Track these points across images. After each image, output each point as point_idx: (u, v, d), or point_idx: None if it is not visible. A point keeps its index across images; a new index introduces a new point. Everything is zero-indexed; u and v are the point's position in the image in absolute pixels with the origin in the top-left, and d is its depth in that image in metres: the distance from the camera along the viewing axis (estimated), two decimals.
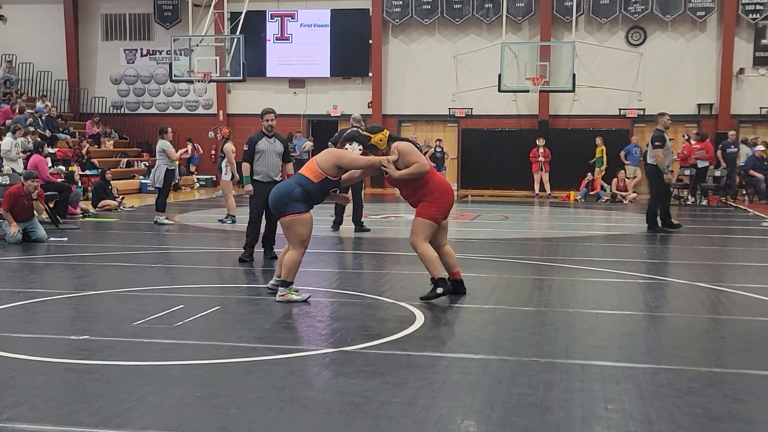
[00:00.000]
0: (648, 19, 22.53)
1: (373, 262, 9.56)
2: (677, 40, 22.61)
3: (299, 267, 6.82)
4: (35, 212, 11.33)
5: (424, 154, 20.59)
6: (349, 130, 7.24)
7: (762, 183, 19.35)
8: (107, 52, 25.99)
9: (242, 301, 7.10)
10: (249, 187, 9.31)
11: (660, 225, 12.81)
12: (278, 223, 6.88)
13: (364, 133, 6.85)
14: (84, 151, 20.39)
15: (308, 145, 22.69)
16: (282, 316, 6.40)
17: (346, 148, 6.77)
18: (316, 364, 4.98)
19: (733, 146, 19.76)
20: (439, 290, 6.73)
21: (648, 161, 13.01)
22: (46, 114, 21.61)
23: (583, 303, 7.01)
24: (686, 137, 20.50)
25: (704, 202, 18.87)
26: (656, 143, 12.53)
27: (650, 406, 4.15)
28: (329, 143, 10.19)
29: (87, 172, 19.58)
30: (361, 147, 6.76)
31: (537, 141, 21.75)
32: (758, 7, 21.85)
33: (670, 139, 13.26)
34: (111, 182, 16.63)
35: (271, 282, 7.18)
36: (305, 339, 5.79)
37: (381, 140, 6.76)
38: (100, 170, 17.90)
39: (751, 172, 19.46)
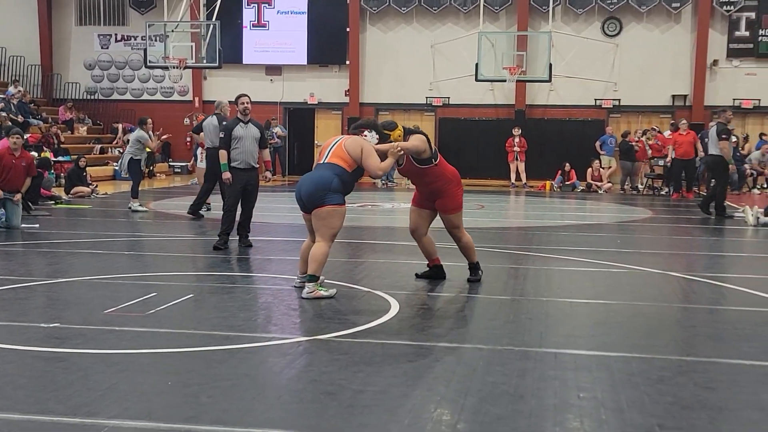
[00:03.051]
0: (624, 10, 22.62)
1: (349, 251, 9.54)
2: (652, 32, 22.72)
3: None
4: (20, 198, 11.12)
5: None
6: (362, 119, 7.22)
7: (734, 174, 19.47)
8: (81, 37, 25.65)
9: (216, 289, 7.04)
10: (227, 174, 9.19)
11: (714, 212, 13.59)
12: (313, 213, 6.46)
13: (384, 131, 6.85)
14: (53, 133, 20.12)
15: (279, 131, 22.55)
16: (256, 305, 6.37)
17: (365, 135, 6.70)
18: (289, 352, 4.95)
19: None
20: (480, 272, 7.37)
21: (710, 152, 13.78)
22: (19, 99, 21.33)
23: (557, 292, 7.04)
24: (656, 129, 20.68)
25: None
26: (723, 136, 13.39)
27: (622, 394, 4.18)
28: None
29: (60, 158, 19.36)
30: (378, 137, 6.76)
31: (513, 131, 21.79)
32: None
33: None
34: (86, 169, 16.44)
35: (297, 280, 6.92)
36: (279, 327, 5.76)
37: (400, 136, 6.88)
38: (74, 157, 17.67)
39: None
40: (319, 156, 6.82)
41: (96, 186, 16.59)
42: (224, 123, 9.31)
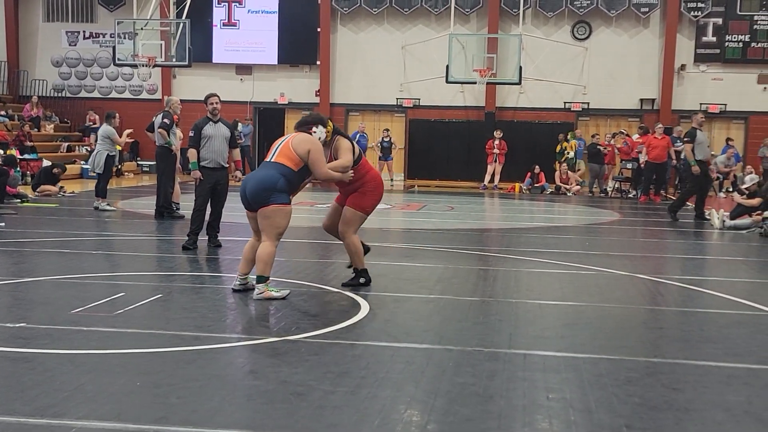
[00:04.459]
0: (593, 14, 22.84)
1: (319, 251, 9.52)
2: (621, 36, 22.97)
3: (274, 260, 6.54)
4: None
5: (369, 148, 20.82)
6: (310, 113, 7.23)
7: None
8: (48, 34, 25.31)
9: (185, 289, 6.99)
10: (197, 173, 9.14)
11: (684, 213, 13.98)
12: (258, 212, 6.43)
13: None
14: (26, 132, 19.84)
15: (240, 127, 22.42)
16: (225, 305, 6.33)
17: (313, 131, 6.68)
18: (259, 353, 4.93)
19: (678, 141, 20.08)
20: (362, 280, 7.03)
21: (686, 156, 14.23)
22: None
23: (526, 294, 7.09)
24: (624, 132, 20.91)
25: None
26: (686, 139, 14.09)
27: (590, 395, 4.22)
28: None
29: (26, 156, 19.08)
30: (327, 131, 6.74)
31: (495, 133, 21.79)
32: (700, 4, 22.31)
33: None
34: (59, 176, 16.18)
35: (236, 282, 6.76)
36: (249, 328, 5.74)
37: (327, 132, 6.81)
38: (49, 163, 17.16)
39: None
40: (266, 154, 6.80)
41: (63, 187, 16.36)
42: (195, 122, 9.26)
